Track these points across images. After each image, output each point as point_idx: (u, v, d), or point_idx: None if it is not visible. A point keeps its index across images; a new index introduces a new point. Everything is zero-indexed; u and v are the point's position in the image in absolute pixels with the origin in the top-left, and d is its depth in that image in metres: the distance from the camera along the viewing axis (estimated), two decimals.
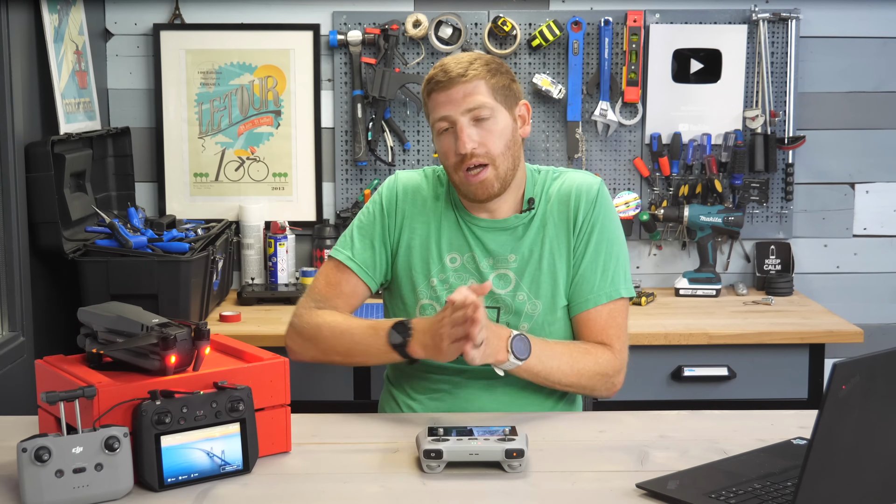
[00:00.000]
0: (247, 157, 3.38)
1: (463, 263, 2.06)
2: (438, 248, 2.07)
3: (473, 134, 1.96)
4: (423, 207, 2.10)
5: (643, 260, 3.45)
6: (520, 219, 2.06)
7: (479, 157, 1.96)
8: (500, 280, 2.04)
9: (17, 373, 2.44)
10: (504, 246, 2.05)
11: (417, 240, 2.08)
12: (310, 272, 3.27)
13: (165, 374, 1.60)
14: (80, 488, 1.48)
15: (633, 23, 3.28)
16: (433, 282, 2.06)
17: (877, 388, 1.35)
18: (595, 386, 1.99)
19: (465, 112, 1.96)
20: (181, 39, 3.33)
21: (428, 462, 1.62)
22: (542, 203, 2.07)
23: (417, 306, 2.07)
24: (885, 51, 3.39)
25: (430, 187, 2.12)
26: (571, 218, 2.04)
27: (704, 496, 1.50)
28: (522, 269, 2.04)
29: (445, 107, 1.98)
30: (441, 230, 2.08)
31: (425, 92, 2.02)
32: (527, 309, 2.03)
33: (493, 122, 1.98)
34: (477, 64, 1.98)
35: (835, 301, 3.37)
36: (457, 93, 1.96)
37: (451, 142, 1.99)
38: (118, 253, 2.75)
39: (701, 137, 3.34)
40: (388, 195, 2.11)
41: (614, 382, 2.01)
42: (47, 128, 2.76)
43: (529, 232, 2.05)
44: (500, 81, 2.00)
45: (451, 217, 2.08)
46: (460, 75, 1.96)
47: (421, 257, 2.07)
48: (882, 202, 3.46)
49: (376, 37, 3.28)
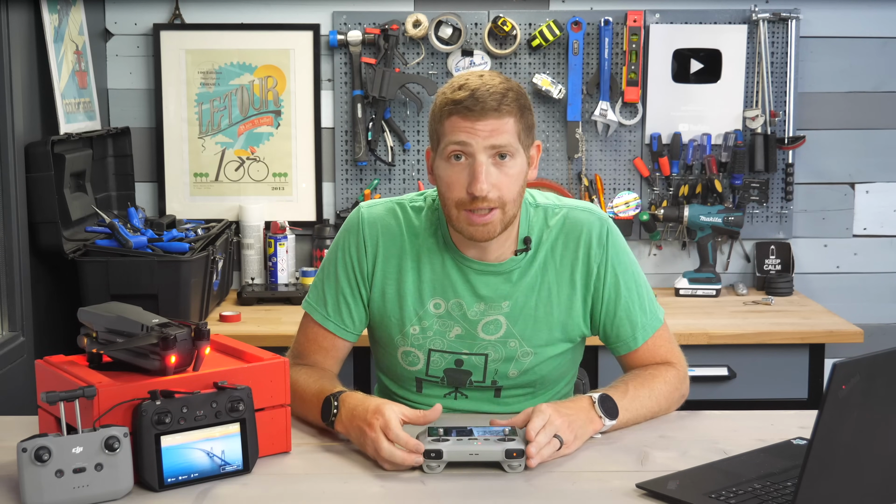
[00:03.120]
0: (247, 157, 3.38)
1: (447, 310, 1.92)
2: (419, 292, 1.92)
3: (492, 175, 1.79)
4: (395, 247, 1.93)
5: (643, 260, 3.45)
6: (516, 262, 1.91)
7: (491, 201, 1.79)
8: (490, 326, 1.92)
9: (17, 373, 2.44)
10: (497, 291, 1.91)
11: (392, 286, 1.93)
12: (310, 272, 3.27)
13: (165, 374, 1.60)
14: (80, 488, 1.48)
15: (633, 23, 3.28)
16: (414, 329, 1.93)
17: (877, 388, 1.35)
18: (673, 405, 1.95)
19: (488, 148, 1.78)
20: (181, 39, 3.33)
21: (428, 462, 1.62)
22: (541, 244, 1.93)
23: (399, 352, 1.96)
24: (885, 51, 3.39)
25: (403, 223, 1.94)
26: (581, 265, 1.92)
27: (704, 496, 1.50)
28: (516, 317, 1.92)
29: (468, 134, 1.78)
30: (421, 272, 1.92)
31: (444, 109, 1.81)
32: (517, 355, 1.94)
33: (513, 164, 1.81)
34: (510, 97, 1.79)
35: (835, 301, 3.37)
36: (485, 126, 1.78)
37: (461, 174, 1.80)
38: (118, 253, 2.75)
39: (701, 137, 3.34)
40: (355, 240, 1.95)
41: (683, 393, 1.98)
42: (47, 128, 2.76)
43: (526, 276, 1.92)
44: (527, 121, 1.84)
45: (436, 257, 1.92)
46: (493, 109, 1.77)
47: (397, 305, 1.93)
48: (882, 202, 3.46)
49: (376, 37, 3.28)
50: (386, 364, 2.04)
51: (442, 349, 1.94)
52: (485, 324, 1.93)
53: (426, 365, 1.96)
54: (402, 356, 1.97)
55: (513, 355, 1.94)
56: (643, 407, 1.87)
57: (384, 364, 2.05)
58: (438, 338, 1.94)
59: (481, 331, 1.93)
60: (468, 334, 1.93)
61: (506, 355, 1.94)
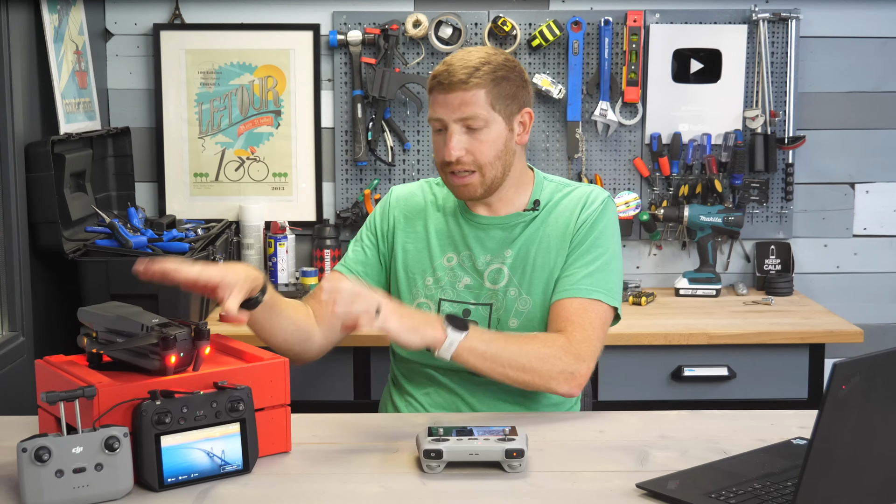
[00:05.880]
0: (247, 157, 3.38)
1: (459, 262, 2.09)
2: (435, 248, 2.10)
3: (463, 141, 1.98)
4: (418, 213, 2.14)
5: (643, 260, 3.45)
6: (520, 216, 2.08)
7: (466, 164, 1.99)
8: (494, 274, 2.06)
9: (17, 373, 2.44)
10: (502, 242, 2.07)
11: (412, 243, 2.12)
12: (310, 272, 3.27)
13: (165, 374, 1.60)
14: (80, 488, 1.48)
15: (633, 23, 3.28)
16: (428, 280, 2.09)
17: (877, 388, 1.35)
18: (548, 371, 1.88)
19: (457, 120, 1.97)
20: (181, 39, 3.33)
21: (428, 462, 1.62)
22: (548, 207, 2.08)
23: (414, 304, 2.09)
24: (885, 51, 3.39)
25: (426, 194, 2.17)
26: (574, 220, 2.05)
27: (704, 496, 1.50)
28: (517, 266, 2.05)
29: (441, 109, 1.99)
30: (438, 232, 2.11)
31: (429, 86, 2.02)
32: (517, 306, 2.04)
33: (486, 132, 1.98)
34: (483, 70, 1.97)
35: (835, 301, 3.37)
36: (454, 98, 1.97)
37: (441, 143, 2.02)
38: (118, 253, 2.75)
39: (701, 137, 3.34)
40: (382, 206, 2.18)
41: (572, 372, 1.89)
42: (47, 128, 2.76)
43: (528, 229, 2.07)
44: (504, 90, 1.99)
45: (451, 218, 2.11)
46: (461, 81, 1.96)
47: (415, 259, 2.11)
48: (882, 202, 3.46)
49: (376, 37, 3.28)
50: None
51: (452, 299, 2.07)
52: (490, 272, 2.06)
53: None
54: (417, 308, 2.07)
55: (512, 304, 2.04)
56: (506, 351, 1.87)
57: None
58: (449, 288, 2.08)
59: (487, 280, 2.06)
60: (476, 284, 2.07)
61: (506, 304, 2.04)
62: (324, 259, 3.30)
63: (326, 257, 3.31)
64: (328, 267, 3.30)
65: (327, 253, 3.30)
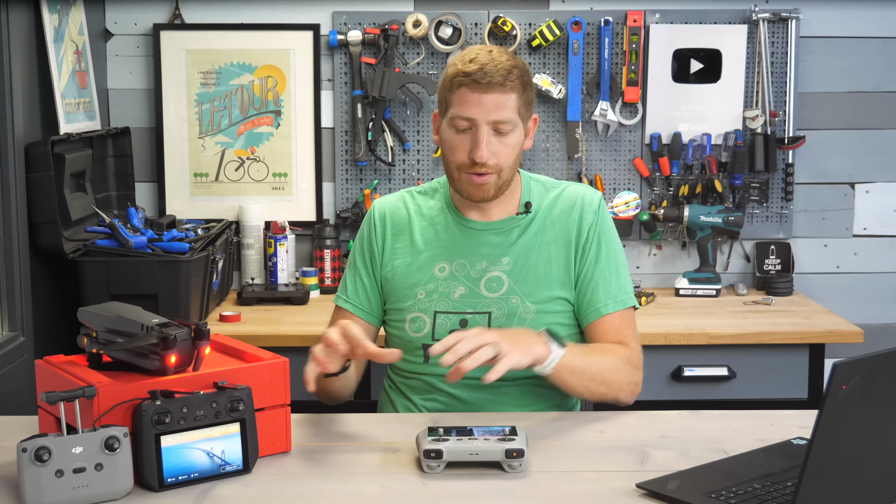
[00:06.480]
0: (247, 157, 3.38)
1: (452, 271, 2.05)
2: (425, 259, 2.07)
3: (492, 144, 1.95)
4: (403, 226, 2.11)
5: (643, 260, 3.45)
6: (515, 220, 2.06)
7: (490, 167, 1.96)
8: (492, 283, 2.03)
9: (17, 373, 2.44)
10: (497, 248, 2.05)
11: (400, 258, 2.09)
12: (310, 272, 3.27)
13: (165, 374, 1.60)
14: (80, 488, 1.48)
15: (633, 23, 3.28)
16: (421, 294, 2.05)
17: (877, 388, 1.35)
18: (621, 384, 1.95)
19: (490, 122, 1.94)
20: (181, 39, 3.33)
21: (428, 462, 1.62)
22: (540, 209, 2.07)
23: (407, 321, 2.06)
24: (885, 51, 3.39)
25: (409, 205, 2.12)
26: (575, 226, 2.05)
27: (704, 496, 1.50)
28: (517, 274, 2.03)
29: (473, 108, 1.94)
30: (426, 241, 2.08)
31: (454, 80, 1.96)
32: (520, 312, 2.02)
33: (511, 136, 1.97)
34: (515, 74, 1.95)
35: (835, 301, 3.37)
36: (490, 100, 1.93)
37: (464, 142, 1.97)
38: (118, 253, 2.75)
39: (701, 137, 3.34)
40: (368, 225, 2.14)
41: (636, 381, 1.99)
42: (47, 128, 2.76)
43: (525, 235, 2.05)
44: (528, 96, 1.99)
45: (440, 226, 2.08)
46: (499, 83, 1.92)
47: (406, 274, 2.07)
48: (882, 202, 3.46)
49: (376, 37, 3.28)
50: (395, 340, 2.10)
51: (447, 310, 2.03)
52: (487, 280, 2.03)
53: (432, 328, 2.02)
54: (410, 323, 2.05)
55: (515, 312, 2.02)
56: (592, 364, 1.91)
57: (394, 342, 2.10)
58: (443, 299, 2.04)
59: (484, 288, 2.03)
60: (472, 293, 2.03)
61: (508, 312, 2.02)
62: (324, 259, 3.31)
63: (326, 257, 3.31)
64: (328, 267, 3.30)
65: (327, 253, 3.31)
